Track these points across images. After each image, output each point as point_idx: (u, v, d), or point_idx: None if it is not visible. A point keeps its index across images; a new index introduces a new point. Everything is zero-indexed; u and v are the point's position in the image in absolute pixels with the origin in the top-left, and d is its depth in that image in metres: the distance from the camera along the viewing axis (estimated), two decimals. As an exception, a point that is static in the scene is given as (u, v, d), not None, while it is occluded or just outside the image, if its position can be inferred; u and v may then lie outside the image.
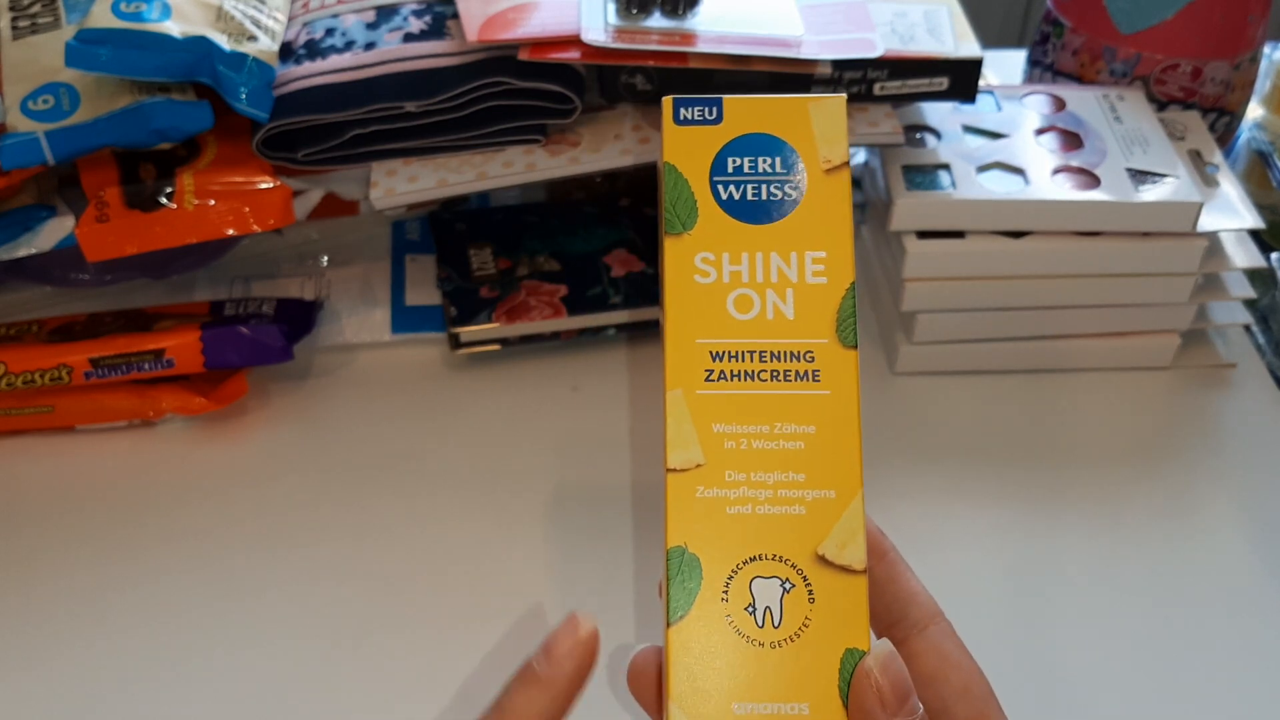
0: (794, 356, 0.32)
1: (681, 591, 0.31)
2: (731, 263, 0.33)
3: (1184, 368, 0.60)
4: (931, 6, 0.57)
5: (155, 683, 0.45)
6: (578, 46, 0.52)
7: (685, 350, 0.32)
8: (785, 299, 0.33)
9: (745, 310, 0.33)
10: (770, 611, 0.31)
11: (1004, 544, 0.51)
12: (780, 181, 0.34)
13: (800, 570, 0.31)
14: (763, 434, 0.32)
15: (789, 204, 0.33)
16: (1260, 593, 0.49)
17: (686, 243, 0.33)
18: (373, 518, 0.52)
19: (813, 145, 0.34)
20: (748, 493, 0.32)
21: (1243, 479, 0.54)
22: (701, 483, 0.32)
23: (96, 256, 0.52)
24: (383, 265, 0.63)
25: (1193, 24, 0.63)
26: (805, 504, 0.32)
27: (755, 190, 0.33)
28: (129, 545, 0.50)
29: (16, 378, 0.52)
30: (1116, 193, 0.55)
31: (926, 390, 0.58)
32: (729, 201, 0.33)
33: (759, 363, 0.32)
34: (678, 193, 0.33)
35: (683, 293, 0.33)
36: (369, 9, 0.58)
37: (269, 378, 0.58)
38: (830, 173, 0.34)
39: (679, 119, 0.34)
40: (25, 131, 0.50)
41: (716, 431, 0.32)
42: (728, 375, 0.32)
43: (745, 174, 0.34)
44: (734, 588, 0.31)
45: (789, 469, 0.32)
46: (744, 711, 0.31)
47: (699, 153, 0.34)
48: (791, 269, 0.33)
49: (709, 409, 0.32)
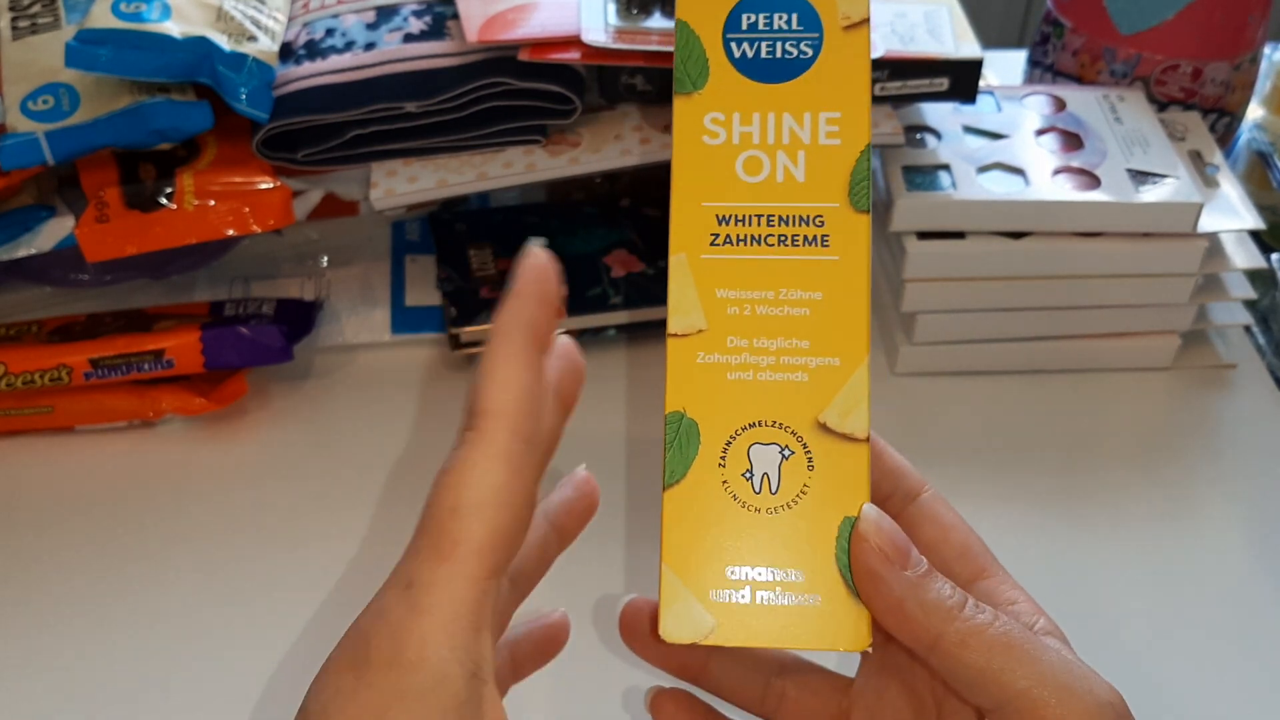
0: (803, 220, 0.32)
1: (678, 457, 0.31)
2: (742, 123, 0.32)
3: (1184, 368, 0.60)
4: (931, 7, 0.57)
5: (155, 682, 0.45)
6: (578, 47, 0.52)
7: (690, 214, 0.32)
8: (796, 161, 0.32)
9: (754, 172, 0.32)
10: (768, 478, 0.31)
11: (1004, 544, 0.51)
12: (796, 39, 0.32)
13: (800, 437, 0.31)
14: (767, 300, 0.31)
15: (804, 62, 0.32)
16: (1260, 592, 0.49)
17: (696, 102, 0.32)
18: (372, 517, 0.52)
19: (832, 0, 0.33)
20: (749, 359, 0.31)
21: (1243, 479, 0.54)
22: (702, 348, 0.31)
23: (96, 257, 0.52)
24: (383, 265, 0.63)
25: (1193, 25, 0.63)
26: (809, 371, 0.31)
27: (770, 48, 0.32)
28: (129, 545, 0.50)
29: (16, 378, 0.52)
30: (1117, 193, 0.55)
31: (926, 391, 0.58)
32: (742, 60, 0.32)
33: (766, 227, 0.32)
34: (689, 50, 0.32)
35: (690, 154, 0.32)
36: (369, 9, 0.58)
37: (269, 378, 0.58)
38: (850, 30, 0.32)
39: None
40: (25, 132, 0.50)
41: (720, 297, 0.31)
42: (734, 240, 0.32)
43: (760, 31, 0.32)
44: (731, 454, 0.31)
45: (793, 335, 0.31)
46: (737, 576, 0.31)
47: (713, 8, 0.32)
48: (804, 130, 0.32)
49: (713, 274, 0.32)
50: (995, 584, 0.32)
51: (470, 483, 0.27)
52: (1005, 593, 0.32)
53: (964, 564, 0.32)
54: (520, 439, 0.27)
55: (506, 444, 0.27)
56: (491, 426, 0.27)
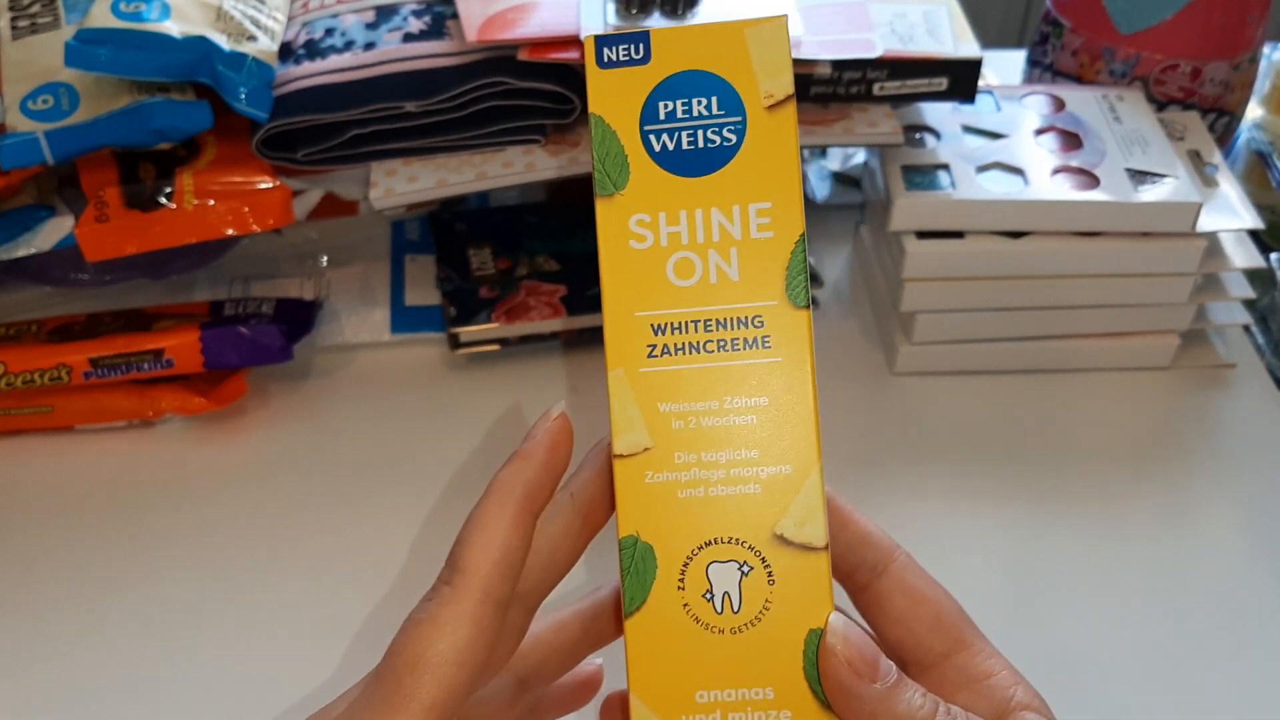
0: (741, 323, 0.30)
1: (637, 582, 0.30)
2: (669, 223, 0.30)
3: (1183, 368, 0.60)
4: (931, 7, 0.57)
5: (154, 682, 0.45)
6: (577, 46, 0.52)
7: (625, 325, 0.30)
8: (729, 259, 0.30)
9: (686, 276, 0.30)
10: (729, 597, 0.30)
11: (1003, 544, 0.51)
12: (718, 125, 0.30)
13: (758, 552, 0.30)
14: (712, 410, 0.30)
15: (729, 150, 0.30)
16: (1259, 592, 0.49)
17: (619, 204, 0.30)
18: (373, 517, 0.52)
19: (752, 78, 0.30)
20: (699, 474, 0.30)
21: (1242, 479, 0.54)
22: (650, 467, 0.30)
23: (96, 256, 0.52)
24: (382, 265, 0.63)
25: (1192, 24, 0.63)
26: (760, 481, 0.30)
27: (690, 138, 0.30)
28: (128, 544, 0.50)
29: (16, 378, 0.52)
30: (1116, 193, 0.55)
31: (926, 390, 0.58)
32: (662, 153, 0.30)
33: (704, 332, 0.30)
34: (606, 148, 0.30)
35: (618, 261, 0.30)
36: (369, 9, 0.58)
37: (268, 378, 0.58)
38: (773, 109, 0.30)
39: (603, 61, 0.31)
40: (25, 131, 0.50)
41: (663, 411, 0.30)
42: (671, 349, 0.30)
43: (679, 120, 0.30)
44: (690, 575, 0.30)
45: (741, 446, 0.30)
46: (707, 700, 0.30)
47: (627, 99, 0.30)
48: (734, 225, 0.30)
49: (654, 387, 0.30)
50: (970, 656, 0.32)
51: (434, 639, 0.28)
52: (981, 665, 0.32)
53: (937, 636, 0.32)
54: (491, 601, 0.28)
55: (476, 606, 0.28)
56: (465, 586, 0.28)
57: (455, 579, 0.28)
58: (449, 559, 0.29)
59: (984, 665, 0.32)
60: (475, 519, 0.29)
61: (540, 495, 0.30)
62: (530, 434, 0.31)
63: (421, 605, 0.29)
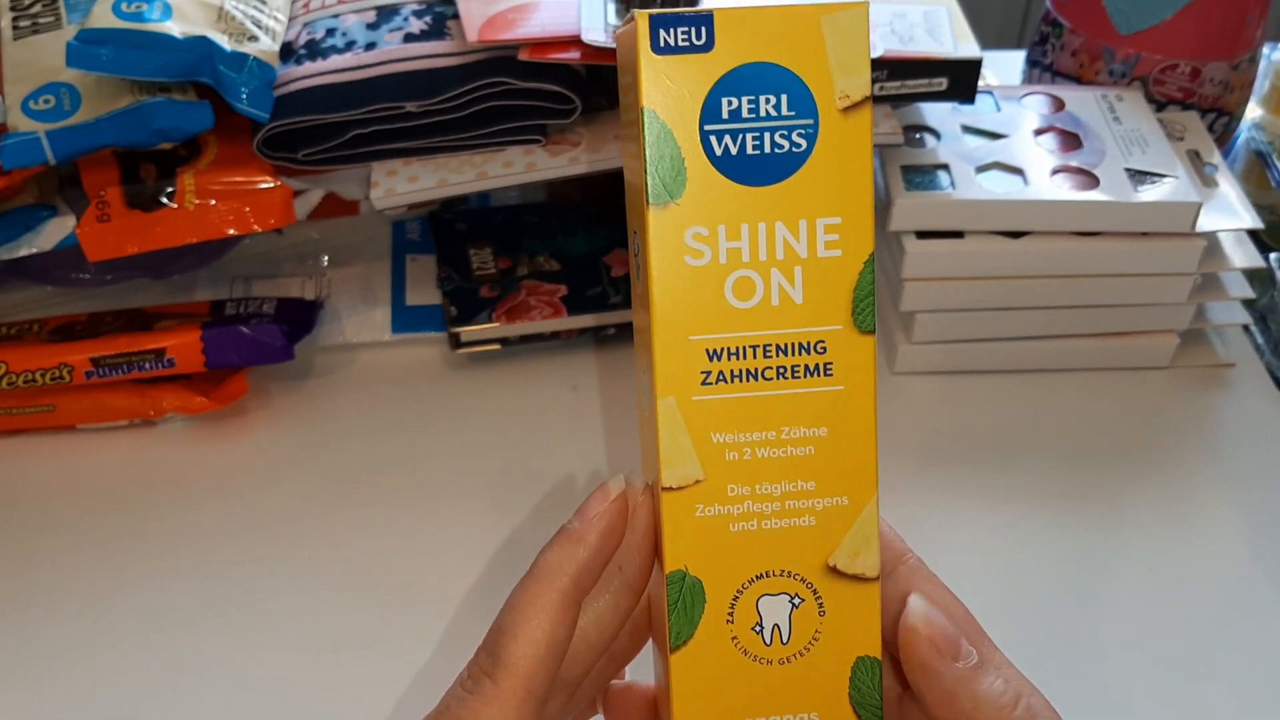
0: (803, 349, 0.28)
1: (684, 618, 0.29)
2: (729, 237, 0.27)
3: (1183, 368, 0.60)
4: (931, 7, 0.57)
5: (155, 681, 0.45)
6: (578, 46, 0.52)
7: (678, 350, 0.28)
8: (793, 279, 0.28)
9: (746, 297, 0.28)
10: (778, 629, 0.29)
11: (1003, 543, 0.51)
12: (788, 127, 0.27)
13: (809, 583, 0.29)
14: (768, 441, 0.28)
15: (798, 156, 0.27)
16: (1258, 591, 0.49)
17: (675, 214, 0.27)
18: (373, 517, 0.52)
19: (826, 75, 0.27)
20: (752, 507, 0.29)
21: (1241, 478, 0.55)
22: (701, 500, 0.28)
23: (97, 256, 0.52)
24: (383, 265, 0.64)
25: (1191, 24, 0.63)
26: (815, 514, 0.29)
27: (757, 141, 0.27)
28: (129, 544, 0.50)
29: (18, 377, 0.52)
30: (1115, 193, 0.55)
31: (926, 390, 0.59)
32: (724, 158, 0.27)
33: (763, 359, 0.28)
34: (661, 150, 0.27)
35: (672, 279, 0.27)
36: (369, 9, 0.58)
37: (269, 377, 0.58)
38: (849, 112, 0.27)
39: (658, 45, 0.27)
40: (26, 131, 0.50)
41: (716, 442, 0.28)
42: (728, 376, 0.28)
43: (744, 119, 0.27)
44: (740, 608, 0.29)
45: (798, 477, 0.29)
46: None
47: (686, 93, 0.27)
48: (800, 242, 0.27)
49: (707, 417, 0.28)
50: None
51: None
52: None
53: None
54: (534, 699, 0.28)
55: (519, 706, 0.27)
56: (508, 685, 0.28)
57: (497, 674, 0.28)
58: (489, 645, 0.28)
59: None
60: (519, 605, 0.28)
61: (589, 581, 0.29)
62: (583, 511, 0.29)
63: (462, 697, 0.28)
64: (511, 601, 0.29)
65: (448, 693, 0.29)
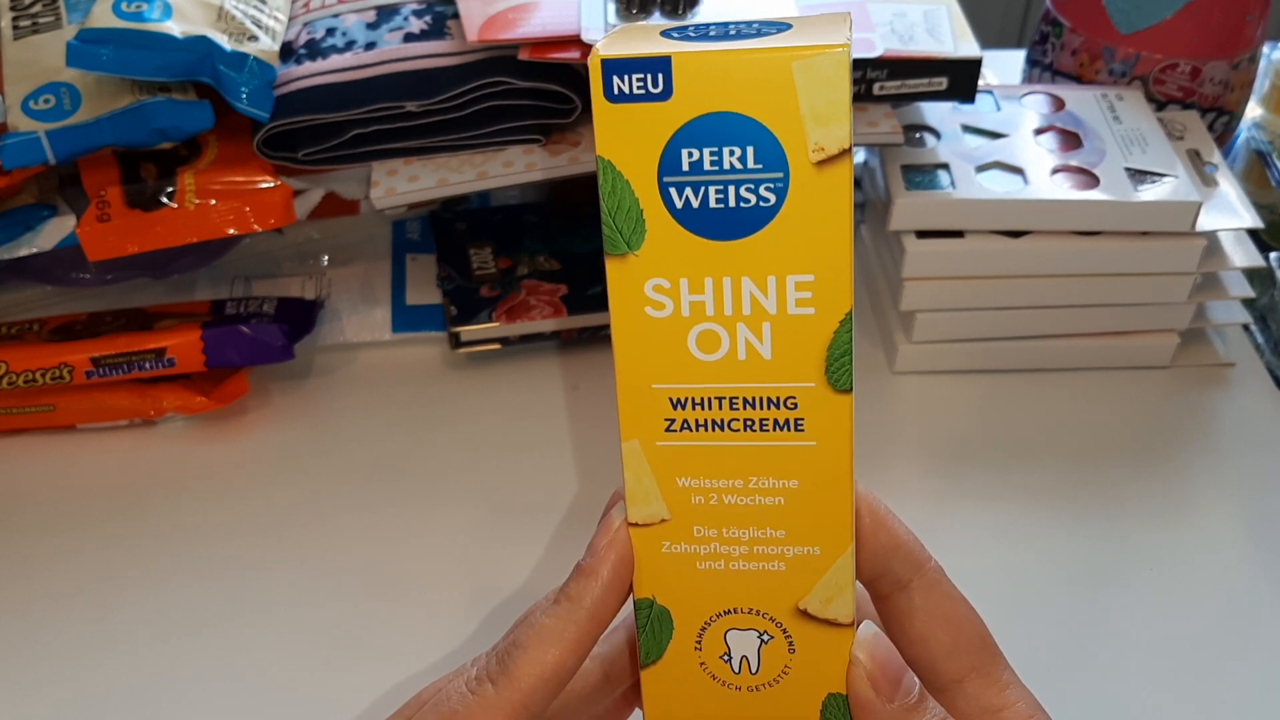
0: (772, 404, 0.27)
1: (653, 640, 0.29)
2: (692, 290, 0.26)
3: (1183, 367, 0.60)
4: (931, 6, 0.57)
5: (155, 681, 0.45)
6: (578, 46, 0.52)
7: (639, 397, 0.27)
8: (760, 335, 0.26)
9: (710, 350, 0.27)
10: (747, 660, 0.29)
11: (1003, 543, 0.51)
12: (754, 181, 0.25)
13: (779, 623, 0.29)
14: (735, 489, 0.28)
15: (766, 211, 0.25)
16: (1258, 591, 0.49)
17: (633, 266, 0.26)
18: (373, 516, 0.52)
19: (798, 126, 0.24)
20: (719, 549, 0.28)
21: (1241, 478, 0.55)
22: (667, 538, 0.28)
23: (97, 256, 0.52)
24: (383, 265, 0.64)
25: (1192, 24, 0.63)
26: (785, 560, 0.28)
27: (720, 194, 0.25)
28: (130, 543, 0.50)
29: (18, 377, 0.52)
30: (1115, 192, 0.55)
31: (926, 389, 0.59)
32: (685, 211, 0.25)
33: (729, 410, 0.27)
34: (618, 199, 0.26)
35: (632, 328, 0.26)
36: (369, 9, 0.58)
37: (270, 377, 0.58)
38: (824, 165, 0.25)
39: (611, 93, 0.25)
40: (26, 131, 0.51)
41: (682, 485, 0.28)
42: (691, 425, 0.27)
43: (706, 172, 0.25)
44: (708, 638, 0.29)
45: (766, 525, 0.28)
46: None
47: (643, 143, 0.25)
48: (769, 298, 0.26)
49: (671, 462, 0.27)
50: (985, 686, 0.31)
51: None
52: (994, 697, 0.31)
53: (953, 661, 0.30)
54: (529, 716, 0.28)
55: (512, 719, 0.28)
56: (508, 697, 0.28)
57: (501, 683, 0.28)
58: (501, 654, 0.29)
59: (998, 697, 0.31)
60: (539, 623, 0.29)
61: (607, 616, 0.29)
62: (592, 545, 0.29)
63: (464, 695, 0.28)
64: (532, 618, 0.29)
65: (449, 683, 0.29)
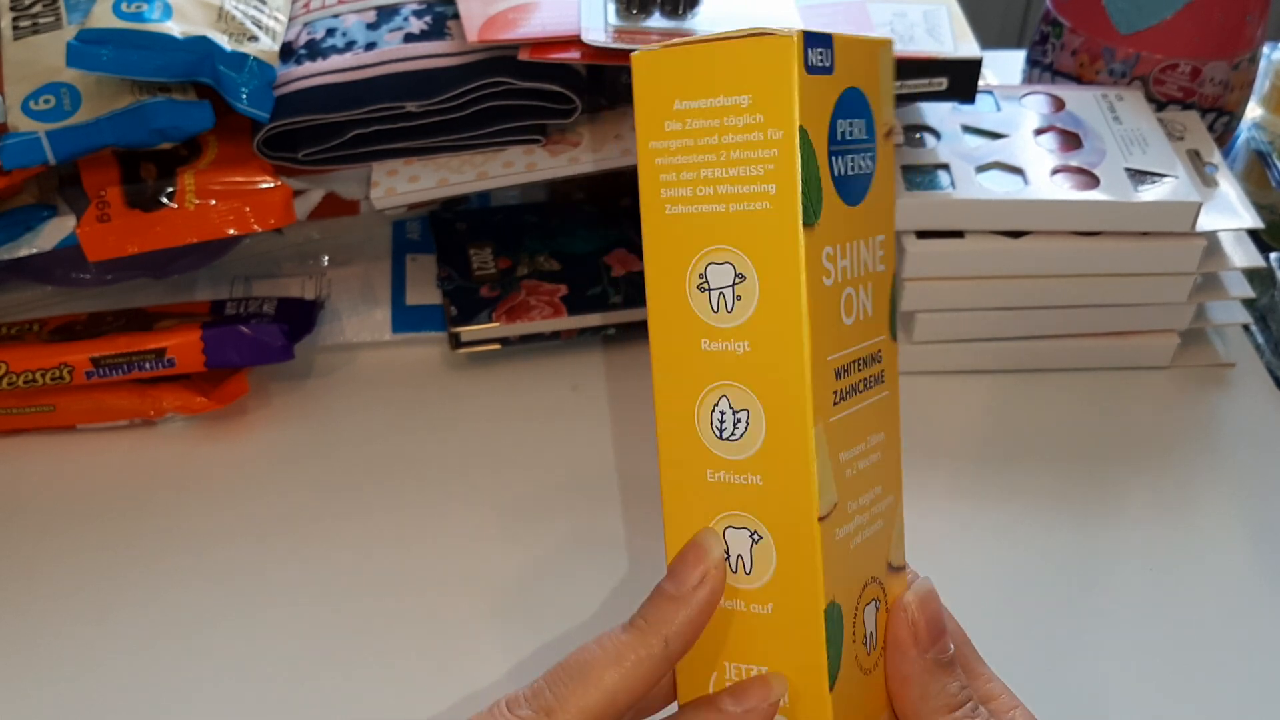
0: (873, 359, 0.28)
1: (835, 650, 0.28)
2: (842, 256, 0.27)
3: (1183, 367, 0.60)
4: (930, 6, 0.57)
5: (155, 681, 0.45)
6: (578, 46, 0.52)
7: (821, 373, 0.27)
8: (868, 293, 0.28)
9: (850, 313, 0.28)
10: (873, 637, 0.30)
11: (1003, 543, 0.51)
12: (866, 150, 0.27)
13: (881, 584, 0.29)
14: (861, 453, 0.28)
15: (868, 178, 0.28)
16: (1258, 591, 0.49)
17: (817, 236, 0.26)
18: (373, 516, 0.52)
19: (879, 102, 0.28)
20: (858, 521, 0.29)
21: (1241, 478, 0.55)
22: (837, 524, 0.28)
23: (97, 256, 0.52)
24: (383, 265, 0.64)
25: (1192, 24, 0.63)
26: (883, 516, 0.29)
27: (853, 163, 0.27)
28: (130, 543, 0.50)
29: (18, 377, 0.52)
30: (1115, 192, 0.55)
31: (926, 389, 0.59)
32: (839, 179, 0.27)
33: (858, 372, 0.28)
34: (810, 169, 0.26)
35: (817, 301, 0.27)
36: (370, 9, 0.58)
37: (270, 377, 0.58)
38: (886, 138, 0.28)
39: (810, 65, 0.26)
40: (26, 131, 0.51)
41: (842, 461, 0.28)
42: (845, 393, 0.28)
43: (849, 141, 0.27)
44: (857, 625, 0.29)
45: (874, 484, 0.29)
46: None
47: (820, 114, 0.26)
48: (870, 257, 0.28)
49: (836, 437, 0.27)
50: (969, 679, 0.31)
51: None
52: (978, 689, 0.31)
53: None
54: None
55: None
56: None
57: (555, 708, 0.27)
58: (561, 671, 0.28)
59: (984, 689, 0.31)
60: (611, 650, 0.28)
61: (686, 644, 0.28)
62: (680, 574, 0.28)
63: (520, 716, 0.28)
64: (606, 639, 0.28)
65: (499, 714, 0.28)
